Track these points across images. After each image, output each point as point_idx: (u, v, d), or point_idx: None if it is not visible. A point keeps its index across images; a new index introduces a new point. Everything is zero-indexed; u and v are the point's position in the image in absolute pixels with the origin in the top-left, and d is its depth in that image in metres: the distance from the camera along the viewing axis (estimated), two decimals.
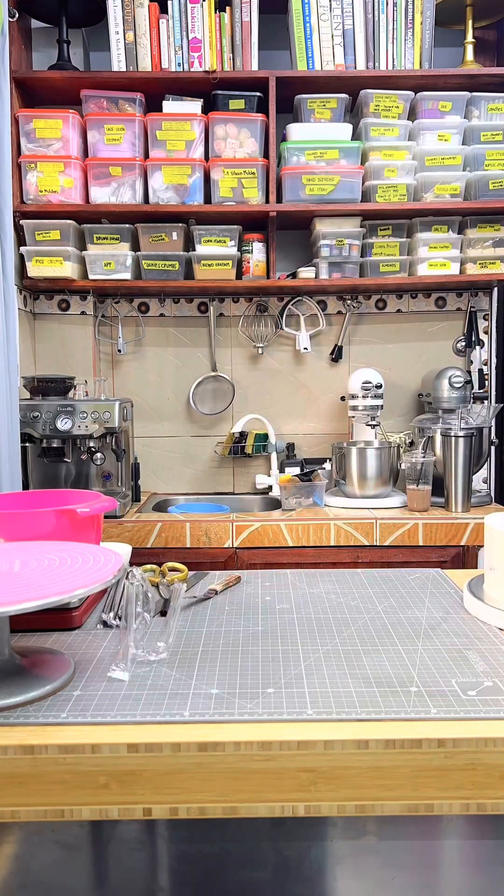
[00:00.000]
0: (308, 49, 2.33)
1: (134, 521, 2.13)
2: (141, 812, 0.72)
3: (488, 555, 1.09)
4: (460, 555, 2.13)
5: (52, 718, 0.76)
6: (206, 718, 0.75)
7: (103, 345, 2.67)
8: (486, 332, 2.68)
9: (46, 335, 2.59)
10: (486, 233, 2.42)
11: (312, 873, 0.80)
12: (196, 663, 0.89)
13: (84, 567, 0.84)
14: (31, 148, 2.31)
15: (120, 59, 2.32)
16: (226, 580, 1.21)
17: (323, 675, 0.85)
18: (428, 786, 0.72)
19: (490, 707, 0.77)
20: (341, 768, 0.71)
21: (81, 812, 0.72)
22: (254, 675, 0.85)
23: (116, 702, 0.79)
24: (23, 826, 0.79)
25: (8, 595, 0.75)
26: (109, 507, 1.14)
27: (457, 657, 0.90)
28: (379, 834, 0.79)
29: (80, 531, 1.08)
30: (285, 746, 0.71)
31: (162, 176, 2.32)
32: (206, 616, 1.08)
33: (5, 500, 1.25)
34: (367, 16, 2.33)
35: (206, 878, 0.81)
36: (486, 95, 2.38)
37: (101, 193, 2.34)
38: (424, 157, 2.35)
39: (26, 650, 0.93)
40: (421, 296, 2.68)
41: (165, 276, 2.41)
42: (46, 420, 2.14)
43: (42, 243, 2.35)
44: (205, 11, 2.30)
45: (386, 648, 0.93)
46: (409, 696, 0.79)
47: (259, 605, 1.13)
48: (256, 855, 0.81)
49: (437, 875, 0.83)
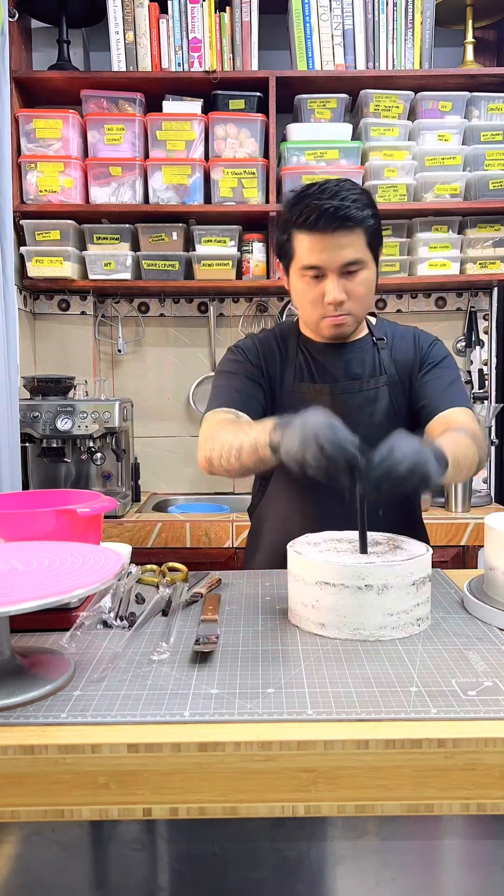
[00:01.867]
0: (308, 49, 2.33)
1: (134, 521, 2.13)
2: (141, 812, 0.72)
3: (488, 555, 1.09)
4: (460, 555, 2.13)
5: (52, 718, 0.76)
6: (206, 718, 0.75)
7: (103, 345, 2.67)
8: (486, 332, 2.68)
9: (46, 335, 2.59)
10: (486, 233, 2.42)
11: (312, 873, 0.80)
12: (196, 663, 0.89)
13: (84, 567, 0.84)
14: (31, 148, 2.31)
15: (120, 59, 2.32)
16: (208, 582, 1.21)
17: (323, 675, 0.85)
18: (428, 786, 0.72)
19: (490, 707, 0.77)
20: (341, 768, 0.71)
21: (81, 812, 0.72)
22: (254, 675, 0.85)
23: (116, 702, 0.79)
24: (23, 826, 0.79)
25: (8, 595, 0.75)
26: (109, 507, 1.14)
27: (457, 657, 0.90)
28: (379, 834, 0.79)
29: (81, 531, 1.08)
30: (285, 746, 0.71)
31: (162, 176, 2.32)
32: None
33: (5, 500, 1.25)
34: (367, 16, 2.33)
35: (206, 878, 0.81)
36: (486, 95, 2.38)
37: (101, 193, 2.34)
38: (424, 157, 2.35)
39: (26, 650, 0.93)
40: (421, 296, 2.67)
41: (165, 276, 2.41)
42: (46, 420, 2.14)
43: (42, 243, 2.35)
44: (205, 11, 2.30)
45: (386, 648, 0.93)
46: (409, 696, 0.79)
47: (259, 604, 1.13)
48: (256, 855, 0.81)
49: (437, 875, 0.83)
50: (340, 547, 1.06)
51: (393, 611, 0.96)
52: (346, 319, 1.32)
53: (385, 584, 0.96)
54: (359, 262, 1.27)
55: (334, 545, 1.07)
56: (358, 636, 0.96)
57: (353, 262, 1.26)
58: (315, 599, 0.98)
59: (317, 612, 0.98)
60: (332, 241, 1.24)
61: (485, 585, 1.11)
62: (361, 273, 1.29)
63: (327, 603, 0.97)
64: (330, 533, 1.17)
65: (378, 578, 0.95)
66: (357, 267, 1.28)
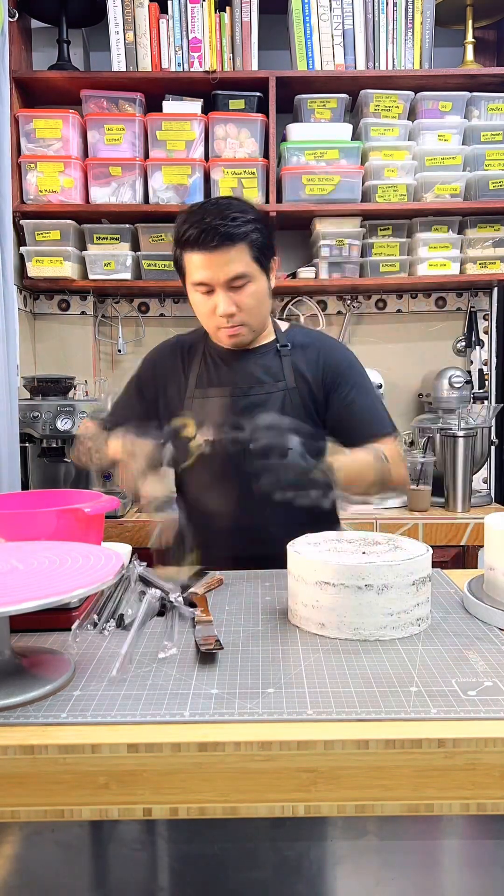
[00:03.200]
0: (308, 49, 2.33)
1: (134, 521, 2.13)
2: (141, 812, 0.72)
3: (488, 555, 1.09)
4: (460, 555, 2.13)
5: (52, 718, 0.76)
6: (206, 718, 0.75)
7: (103, 345, 2.67)
8: (486, 332, 2.68)
9: (46, 335, 2.59)
10: (486, 233, 2.42)
11: (312, 873, 0.80)
12: (196, 663, 0.89)
13: (84, 567, 0.84)
14: (31, 148, 2.31)
15: (120, 59, 2.32)
16: (207, 582, 1.21)
17: (323, 675, 0.85)
18: (428, 786, 0.72)
19: (490, 707, 0.77)
20: (341, 768, 0.71)
21: (81, 812, 0.72)
22: (254, 675, 0.85)
23: (116, 702, 0.79)
24: (23, 826, 0.79)
25: (8, 595, 0.75)
26: (112, 506, 1.14)
27: (457, 657, 0.90)
28: (379, 834, 0.79)
29: (83, 531, 1.08)
30: (285, 746, 0.71)
31: (162, 176, 2.32)
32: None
33: (6, 500, 1.25)
34: (367, 16, 2.33)
35: (206, 878, 0.81)
36: (486, 95, 2.38)
37: (101, 193, 2.34)
38: (424, 157, 2.35)
39: (26, 650, 0.93)
40: (421, 296, 2.67)
41: (165, 276, 2.41)
42: (46, 420, 2.14)
43: (42, 243, 2.35)
44: (205, 11, 2.30)
45: (386, 648, 0.93)
46: (409, 696, 0.79)
47: (259, 604, 1.13)
48: (256, 855, 0.81)
49: (437, 875, 0.83)
50: (340, 547, 1.06)
51: (393, 611, 0.96)
52: (240, 330, 1.38)
53: (385, 583, 0.96)
54: (244, 276, 1.32)
55: (334, 545, 1.07)
56: (358, 636, 0.96)
57: (239, 276, 1.31)
58: (315, 599, 0.98)
59: (317, 612, 0.98)
60: (216, 257, 1.30)
61: (485, 585, 1.11)
62: (249, 286, 1.34)
63: (327, 603, 0.97)
64: (330, 533, 1.17)
65: (378, 578, 0.95)
66: (243, 281, 1.33)
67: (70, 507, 1.09)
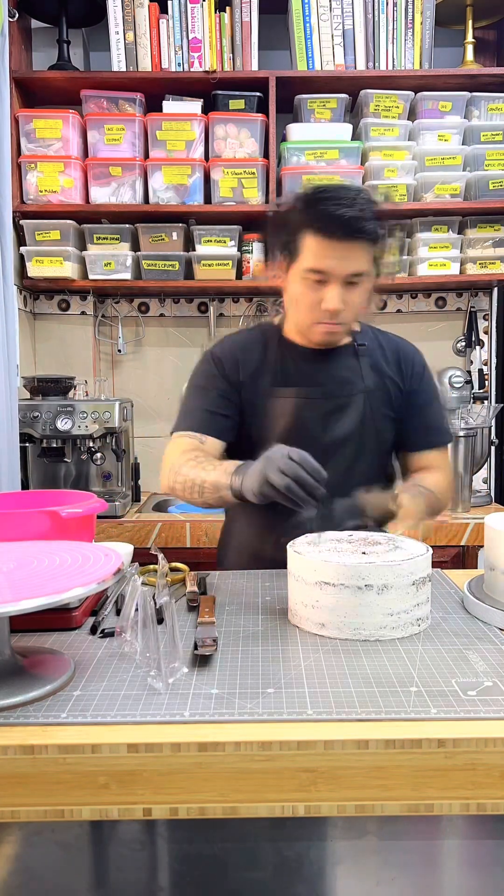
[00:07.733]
0: (308, 49, 2.33)
1: (134, 521, 2.13)
2: (141, 812, 0.72)
3: (488, 555, 1.09)
4: (460, 555, 2.13)
5: (52, 718, 0.76)
6: (206, 718, 0.75)
7: (103, 345, 2.67)
8: (486, 332, 2.68)
9: (46, 335, 2.59)
10: (486, 233, 2.42)
11: (312, 873, 0.80)
12: (196, 663, 0.89)
13: (83, 567, 0.84)
14: (31, 148, 2.31)
15: (120, 59, 2.32)
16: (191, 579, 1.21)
17: (323, 675, 0.85)
18: (428, 786, 0.72)
19: (490, 707, 0.77)
20: (341, 768, 0.71)
21: (81, 812, 0.72)
22: (254, 675, 0.85)
23: (116, 702, 0.79)
24: (23, 826, 0.79)
25: (8, 595, 0.75)
26: (97, 510, 1.11)
27: (457, 657, 0.90)
28: (379, 834, 0.79)
29: (68, 534, 1.06)
30: (285, 746, 0.71)
31: (162, 176, 2.32)
32: None
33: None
34: (367, 16, 2.33)
35: (206, 878, 0.81)
36: (486, 95, 2.37)
37: (101, 193, 2.34)
38: (424, 157, 2.35)
39: (26, 650, 0.93)
40: (421, 296, 2.67)
41: (165, 276, 2.41)
42: (46, 420, 2.14)
43: (42, 243, 2.35)
44: (205, 11, 2.30)
45: (386, 648, 0.93)
46: (409, 696, 0.79)
47: (259, 604, 1.13)
48: (256, 855, 0.81)
49: (437, 875, 0.83)
50: (340, 547, 1.06)
51: (393, 611, 0.96)
52: (339, 328, 1.32)
53: (385, 584, 0.96)
54: (362, 274, 1.28)
55: (334, 545, 1.07)
56: (358, 636, 0.96)
57: (358, 273, 1.27)
58: (315, 599, 0.98)
59: (317, 612, 0.98)
60: (343, 249, 1.24)
61: (485, 585, 1.11)
62: (363, 284, 1.29)
63: (327, 603, 0.97)
64: (330, 533, 1.17)
65: (378, 578, 0.95)
66: (360, 278, 1.28)
67: (51, 508, 1.07)
